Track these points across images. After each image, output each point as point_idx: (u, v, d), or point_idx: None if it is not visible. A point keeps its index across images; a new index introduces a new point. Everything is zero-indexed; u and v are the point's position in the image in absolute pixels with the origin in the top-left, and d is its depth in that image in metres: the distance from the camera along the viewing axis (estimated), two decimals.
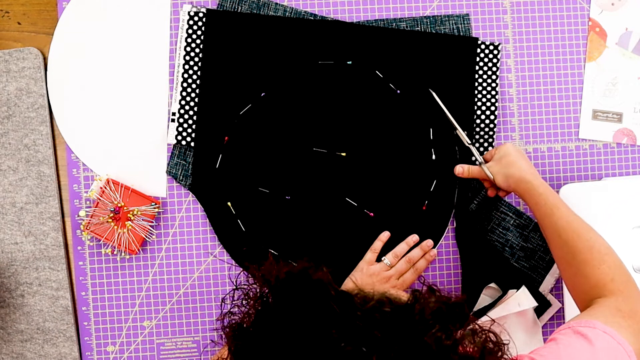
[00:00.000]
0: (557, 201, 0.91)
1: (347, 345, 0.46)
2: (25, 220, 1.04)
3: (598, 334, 0.74)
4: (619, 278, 0.82)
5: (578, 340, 0.74)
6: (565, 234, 0.87)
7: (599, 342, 0.73)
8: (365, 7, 1.08)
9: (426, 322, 0.49)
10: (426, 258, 1.05)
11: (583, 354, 0.72)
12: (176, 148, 1.06)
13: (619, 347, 0.73)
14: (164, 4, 1.06)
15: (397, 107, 1.07)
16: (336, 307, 0.49)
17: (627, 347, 0.73)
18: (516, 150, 0.99)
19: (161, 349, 1.06)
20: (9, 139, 1.04)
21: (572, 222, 0.88)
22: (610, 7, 1.11)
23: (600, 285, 0.82)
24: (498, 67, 1.09)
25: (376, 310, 0.49)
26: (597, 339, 0.73)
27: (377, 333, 0.47)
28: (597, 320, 0.76)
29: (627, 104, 1.11)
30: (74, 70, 1.05)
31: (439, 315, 0.50)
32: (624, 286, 0.81)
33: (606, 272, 0.82)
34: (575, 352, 0.72)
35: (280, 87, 1.06)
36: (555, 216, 0.89)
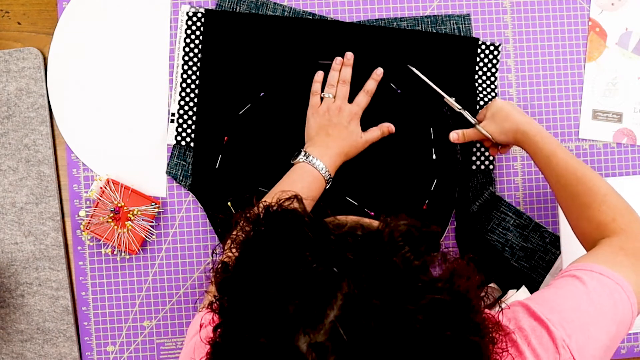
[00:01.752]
0: (554, 147, 0.90)
1: (319, 267, 0.48)
2: (25, 220, 1.04)
3: (593, 275, 0.74)
4: (620, 217, 0.82)
5: (572, 283, 0.73)
6: (564, 179, 0.87)
7: (593, 283, 0.72)
8: (365, 7, 1.08)
9: (395, 243, 0.51)
10: (373, 77, 1.04)
11: (575, 296, 0.72)
12: (176, 148, 1.06)
13: (615, 287, 0.73)
14: (163, 4, 1.06)
15: (398, 106, 1.07)
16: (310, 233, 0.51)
17: (626, 286, 0.73)
18: (507, 103, 0.98)
19: (161, 349, 1.06)
20: (9, 139, 1.04)
21: (570, 166, 0.87)
22: (610, 7, 1.11)
23: (603, 226, 0.82)
24: (497, 68, 1.09)
25: (348, 235, 0.51)
26: (591, 280, 0.73)
27: (349, 255, 0.49)
28: (594, 263, 0.75)
29: (627, 104, 1.11)
30: (74, 70, 1.06)
31: (409, 238, 0.52)
32: (627, 224, 0.81)
33: (607, 212, 0.82)
34: (568, 294, 0.72)
35: (280, 87, 1.06)
36: (553, 163, 0.88)
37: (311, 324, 0.47)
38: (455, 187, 1.08)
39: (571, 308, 0.70)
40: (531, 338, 0.67)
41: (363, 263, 0.49)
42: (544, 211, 1.10)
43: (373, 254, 0.50)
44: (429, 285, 0.50)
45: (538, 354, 0.66)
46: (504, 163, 1.10)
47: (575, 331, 0.68)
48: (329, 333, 0.46)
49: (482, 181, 1.08)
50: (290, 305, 0.48)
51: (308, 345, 0.46)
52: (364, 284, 0.48)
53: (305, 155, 0.97)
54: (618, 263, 0.76)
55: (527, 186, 1.10)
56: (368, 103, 1.04)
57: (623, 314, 0.72)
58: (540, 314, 0.69)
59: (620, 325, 0.72)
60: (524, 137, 0.93)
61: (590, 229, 0.84)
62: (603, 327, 0.70)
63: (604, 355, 0.71)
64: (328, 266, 0.48)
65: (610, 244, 0.80)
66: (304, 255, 0.49)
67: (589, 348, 0.68)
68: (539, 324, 0.68)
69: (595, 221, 0.83)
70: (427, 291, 0.49)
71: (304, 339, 0.46)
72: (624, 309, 0.72)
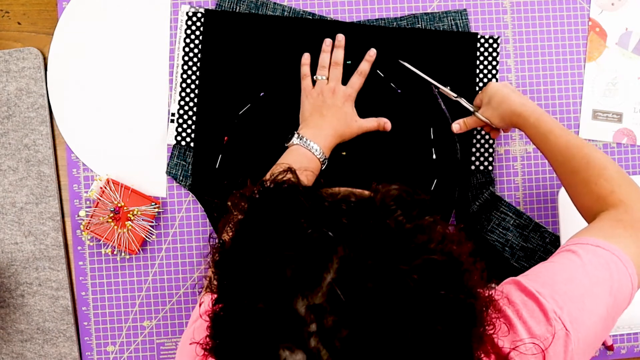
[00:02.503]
0: (550, 126, 0.90)
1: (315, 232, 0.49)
2: (25, 220, 1.04)
3: (589, 248, 0.74)
4: (618, 189, 0.81)
5: (567, 257, 0.73)
6: (562, 156, 0.87)
7: (588, 256, 0.72)
8: (365, 7, 1.08)
9: (388, 207, 0.52)
10: (366, 59, 1.05)
11: (569, 268, 0.72)
12: (176, 148, 1.06)
13: (612, 258, 0.72)
14: (163, 4, 1.06)
15: (398, 106, 1.07)
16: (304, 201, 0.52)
17: (623, 257, 0.73)
18: (501, 86, 0.98)
19: (161, 349, 1.06)
20: (9, 139, 1.04)
21: (567, 143, 0.87)
22: (610, 7, 1.11)
23: (602, 199, 0.82)
24: (498, 60, 1.09)
25: (342, 202, 0.52)
26: (587, 253, 0.73)
27: (344, 220, 0.50)
28: (591, 237, 0.75)
29: (627, 104, 1.11)
30: (74, 70, 1.06)
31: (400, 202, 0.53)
32: (626, 195, 0.81)
33: (605, 185, 0.82)
34: (561, 267, 0.72)
35: (280, 87, 1.06)
36: (551, 141, 0.89)
37: (309, 287, 0.48)
38: (455, 187, 1.08)
39: (563, 280, 0.70)
40: (522, 312, 0.67)
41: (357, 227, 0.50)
42: (544, 211, 1.10)
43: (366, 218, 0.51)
44: (422, 247, 0.51)
45: (529, 326, 0.66)
46: (504, 163, 1.10)
47: (568, 303, 0.68)
48: (327, 295, 0.47)
49: (481, 181, 1.08)
50: (288, 270, 0.48)
51: (306, 307, 0.47)
52: (358, 246, 0.49)
53: (299, 137, 0.98)
54: (616, 235, 0.76)
55: (527, 186, 1.10)
56: (362, 85, 1.04)
57: (620, 285, 0.71)
58: (531, 288, 0.69)
59: (618, 297, 0.71)
60: (520, 119, 0.93)
61: (590, 203, 0.84)
62: (599, 299, 0.70)
63: (603, 327, 0.70)
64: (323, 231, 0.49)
65: (609, 216, 0.80)
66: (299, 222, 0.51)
67: (583, 319, 0.68)
68: (529, 298, 0.68)
69: (594, 195, 0.83)
70: (420, 252, 0.50)
71: (302, 302, 0.47)
72: (620, 280, 0.72)
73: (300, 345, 0.47)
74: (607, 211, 0.81)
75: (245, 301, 0.50)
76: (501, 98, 0.96)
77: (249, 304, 0.49)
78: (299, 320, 0.47)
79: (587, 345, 0.69)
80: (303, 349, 0.47)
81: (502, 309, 0.66)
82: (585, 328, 0.68)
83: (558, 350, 0.65)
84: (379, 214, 0.51)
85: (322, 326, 0.47)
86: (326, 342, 0.46)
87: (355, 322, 0.47)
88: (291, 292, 0.48)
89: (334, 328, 0.47)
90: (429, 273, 0.49)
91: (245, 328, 0.50)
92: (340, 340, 0.46)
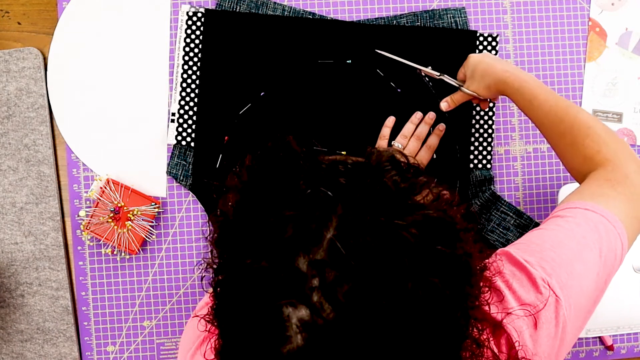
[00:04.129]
0: (534, 90, 0.89)
1: (314, 192, 0.51)
2: (25, 220, 1.04)
3: (576, 212, 0.74)
4: (605, 148, 0.81)
5: (555, 222, 0.74)
6: (547, 120, 0.87)
7: (576, 219, 0.72)
8: (365, 7, 1.08)
9: (383, 167, 0.54)
10: (435, 133, 1.06)
11: (557, 234, 0.72)
12: (176, 148, 1.06)
13: (600, 219, 0.72)
14: (163, 4, 1.06)
15: (398, 105, 1.07)
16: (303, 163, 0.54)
17: (611, 217, 0.73)
18: (482, 56, 0.97)
19: (161, 349, 1.06)
20: (9, 139, 1.04)
21: (552, 107, 0.86)
22: (610, 7, 1.11)
23: (589, 159, 0.82)
24: None
25: (339, 164, 0.54)
26: (574, 217, 0.73)
27: (341, 180, 0.52)
28: (578, 200, 0.75)
29: (627, 104, 1.11)
30: (74, 70, 1.05)
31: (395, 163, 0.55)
32: (612, 154, 0.80)
33: (591, 145, 0.81)
34: (549, 233, 0.72)
35: (280, 87, 1.06)
36: (535, 106, 0.88)
37: (310, 245, 0.49)
38: (456, 187, 1.08)
39: (552, 247, 0.70)
40: (512, 282, 0.67)
41: (355, 186, 0.52)
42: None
43: (363, 177, 0.53)
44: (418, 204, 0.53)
45: (519, 295, 0.66)
46: (504, 163, 1.10)
47: (557, 269, 0.68)
48: (327, 251, 0.49)
49: (481, 179, 1.08)
50: (289, 229, 0.50)
51: (308, 264, 0.48)
52: (356, 204, 0.50)
53: None
54: (604, 195, 0.76)
55: (527, 186, 1.10)
56: (430, 159, 1.06)
57: (609, 246, 0.71)
58: (520, 258, 0.69)
59: (609, 258, 0.71)
60: (505, 87, 0.92)
61: (578, 164, 0.84)
62: (589, 262, 0.70)
63: (595, 289, 0.70)
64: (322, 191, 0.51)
65: (597, 176, 0.79)
66: (299, 184, 0.52)
67: (574, 283, 0.68)
68: (518, 267, 0.69)
69: (581, 156, 0.83)
70: (416, 209, 0.52)
71: (304, 259, 0.49)
72: (610, 242, 0.71)
73: (303, 301, 0.48)
74: (595, 171, 0.80)
75: (248, 261, 0.51)
76: (484, 68, 0.95)
77: (252, 264, 0.50)
78: (301, 276, 0.48)
79: (581, 309, 0.69)
80: (306, 304, 0.48)
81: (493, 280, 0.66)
82: (576, 292, 0.68)
83: (549, 316, 0.66)
84: (375, 174, 0.53)
85: (323, 281, 0.48)
86: (328, 296, 0.47)
87: (355, 276, 0.48)
88: (293, 250, 0.49)
89: (336, 282, 0.48)
90: (425, 228, 0.51)
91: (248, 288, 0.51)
92: (342, 294, 0.47)
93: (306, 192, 0.51)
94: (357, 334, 0.48)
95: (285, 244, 0.50)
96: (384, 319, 0.48)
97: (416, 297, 0.49)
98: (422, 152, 1.05)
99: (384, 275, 0.48)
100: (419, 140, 1.05)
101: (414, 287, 0.49)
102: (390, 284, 0.48)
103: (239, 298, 0.51)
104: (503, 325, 0.64)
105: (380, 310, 0.48)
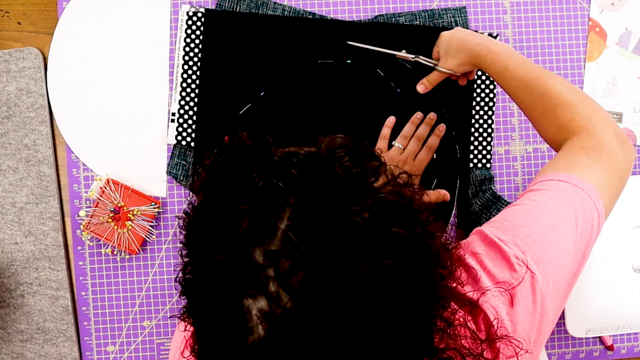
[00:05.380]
0: (505, 62, 0.87)
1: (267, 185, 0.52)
2: (25, 220, 1.04)
3: (550, 184, 0.73)
4: (578, 115, 0.79)
5: (529, 197, 0.73)
6: (520, 91, 0.85)
7: (550, 192, 0.72)
8: (365, 7, 1.08)
9: (334, 154, 0.55)
10: (436, 134, 1.06)
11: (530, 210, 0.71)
12: (176, 148, 1.06)
13: (574, 189, 0.71)
14: (163, 4, 1.06)
15: (398, 105, 1.07)
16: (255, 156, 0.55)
17: (586, 186, 0.72)
18: (454, 32, 0.96)
19: (161, 349, 1.06)
20: (9, 139, 1.04)
21: (523, 78, 0.85)
22: (610, 7, 1.11)
23: (563, 128, 0.80)
24: None
25: (291, 155, 0.55)
26: (548, 189, 0.72)
27: (294, 171, 0.52)
28: (552, 172, 0.75)
29: (627, 104, 1.11)
30: (74, 70, 1.05)
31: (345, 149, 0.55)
32: (586, 121, 0.79)
33: (564, 114, 0.80)
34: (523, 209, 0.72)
35: (280, 87, 1.06)
36: (508, 78, 0.87)
37: (265, 236, 0.50)
38: (456, 187, 1.08)
39: (525, 223, 0.70)
40: (486, 261, 0.67)
41: (306, 176, 0.52)
42: None
43: (314, 166, 0.53)
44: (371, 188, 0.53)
45: (494, 275, 0.66)
46: (504, 163, 1.10)
47: (531, 245, 0.68)
48: (282, 241, 0.49)
49: (481, 179, 1.08)
50: (244, 223, 0.51)
51: (263, 255, 0.49)
52: (309, 194, 0.51)
53: None
54: (578, 163, 0.75)
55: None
56: (430, 159, 1.05)
57: (585, 215, 0.71)
58: (493, 237, 0.69)
59: (585, 228, 0.70)
60: (478, 61, 0.91)
61: (554, 134, 0.82)
62: (564, 234, 0.69)
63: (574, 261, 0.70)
64: (274, 183, 0.52)
65: (571, 145, 0.78)
66: (252, 178, 0.53)
67: (550, 258, 0.67)
68: (492, 246, 0.68)
69: (555, 126, 0.81)
70: (369, 193, 0.52)
71: (260, 251, 0.49)
72: (585, 211, 0.71)
73: (261, 291, 0.48)
74: (570, 140, 0.79)
75: (207, 256, 0.52)
76: (457, 44, 0.94)
77: (211, 258, 0.51)
78: (258, 267, 0.49)
79: (560, 282, 0.68)
80: (264, 294, 0.48)
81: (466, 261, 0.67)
82: (553, 266, 0.67)
83: (525, 293, 0.65)
84: (326, 162, 0.54)
85: (278, 270, 0.48)
86: (284, 285, 0.48)
87: (310, 263, 0.48)
88: (248, 243, 0.50)
89: (290, 271, 0.48)
90: (379, 211, 0.51)
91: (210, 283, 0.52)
92: (297, 282, 0.48)
93: (258, 185, 0.52)
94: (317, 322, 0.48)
95: (241, 238, 0.50)
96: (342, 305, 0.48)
97: (370, 280, 0.49)
98: (422, 152, 1.05)
99: (337, 261, 0.49)
100: (419, 141, 1.05)
101: (367, 270, 0.49)
102: (343, 269, 0.49)
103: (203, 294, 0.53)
104: (479, 304, 0.64)
105: (337, 296, 0.48)
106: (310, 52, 1.06)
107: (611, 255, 1.02)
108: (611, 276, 1.02)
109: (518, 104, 0.87)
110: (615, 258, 1.02)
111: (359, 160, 0.55)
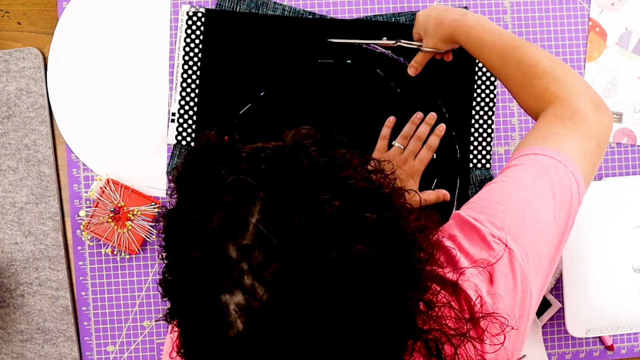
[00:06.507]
0: (482, 36, 0.87)
1: (236, 181, 0.52)
2: (25, 220, 1.04)
3: (527, 159, 0.73)
4: (552, 84, 0.79)
5: (505, 174, 0.73)
6: (497, 64, 0.85)
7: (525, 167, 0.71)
8: (365, 7, 1.08)
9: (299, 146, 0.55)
10: (436, 133, 1.06)
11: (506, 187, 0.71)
12: (176, 148, 1.06)
13: (550, 161, 0.71)
14: (163, 4, 1.06)
15: (398, 105, 1.07)
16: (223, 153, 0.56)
17: (562, 157, 0.71)
18: (429, 10, 0.96)
19: (161, 349, 1.06)
20: (9, 139, 1.04)
21: (499, 50, 0.85)
22: (610, 7, 1.11)
23: (539, 98, 0.80)
24: None
25: (259, 151, 0.55)
26: (523, 164, 0.72)
27: (262, 166, 0.53)
28: (527, 146, 0.74)
29: (627, 104, 1.11)
30: (74, 70, 1.05)
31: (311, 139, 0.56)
32: (561, 89, 0.78)
33: (539, 84, 0.80)
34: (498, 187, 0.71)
35: (280, 87, 1.06)
36: (484, 52, 0.87)
37: (237, 232, 0.50)
38: (456, 187, 1.08)
39: (500, 200, 0.69)
40: (463, 243, 0.67)
41: (274, 169, 0.53)
42: None
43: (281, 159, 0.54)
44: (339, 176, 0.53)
45: (471, 255, 0.66)
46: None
47: (507, 221, 0.67)
48: (254, 235, 0.50)
49: (481, 179, 1.08)
50: (215, 219, 0.51)
51: (236, 249, 0.50)
52: (277, 186, 0.52)
53: None
54: (554, 134, 0.74)
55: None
56: (430, 159, 1.05)
57: (562, 185, 0.70)
58: (469, 217, 0.69)
59: (564, 199, 0.70)
60: (456, 38, 0.91)
61: (531, 105, 0.82)
62: (541, 207, 0.69)
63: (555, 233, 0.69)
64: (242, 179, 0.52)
65: (546, 115, 0.78)
66: (221, 175, 0.53)
67: (527, 232, 0.67)
68: (468, 227, 0.68)
69: (532, 96, 0.81)
70: (337, 181, 0.53)
71: (233, 246, 0.50)
72: (561, 181, 0.70)
73: (237, 285, 0.49)
74: (546, 109, 0.79)
75: (182, 255, 0.52)
76: (434, 24, 0.94)
77: (186, 257, 0.52)
78: (232, 263, 0.50)
79: (541, 256, 0.68)
80: (240, 288, 0.49)
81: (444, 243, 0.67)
82: (532, 240, 0.67)
83: (504, 270, 0.65)
84: (292, 154, 0.54)
85: (252, 263, 0.49)
86: (258, 277, 0.49)
87: (282, 254, 0.49)
88: (221, 239, 0.50)
89: (264, 263, 0.49)
90: (349, 198, 0.52)
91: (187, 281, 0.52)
92: (271, 274, 0.48)
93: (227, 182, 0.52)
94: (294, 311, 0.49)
95: (213, 234, 0.51)
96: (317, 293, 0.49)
97: (342, 266, 0.49)
98: (422, 152, 1.05)
99: (308, 250, 0.49)
100: (419, 141, 1.05)
101: (339, 257, 0.49)
102: (315, 257, 0.49)
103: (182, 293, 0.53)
104: (459, 284, 0.64)
105: (311, 284, 0.49)
106: (310, 52, 1.06)
107: (611, 255, 1.02)
108: (611, 276, 1.02)
109: (498, 77, 0.87)
110: (615, 258, 1.02)
111: (325, 150, 0.55)
